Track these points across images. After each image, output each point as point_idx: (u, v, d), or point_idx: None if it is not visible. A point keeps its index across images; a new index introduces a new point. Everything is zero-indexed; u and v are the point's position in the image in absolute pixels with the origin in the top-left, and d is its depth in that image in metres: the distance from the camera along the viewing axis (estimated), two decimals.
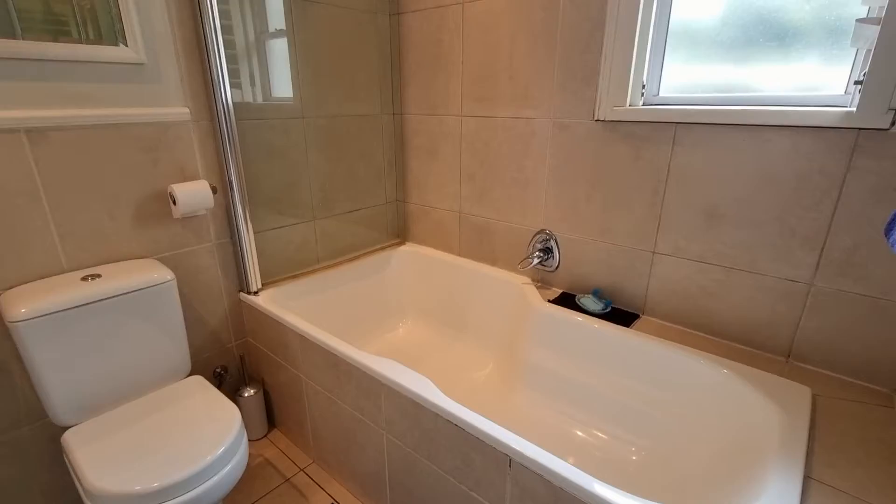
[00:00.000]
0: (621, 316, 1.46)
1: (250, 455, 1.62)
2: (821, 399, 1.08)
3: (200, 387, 1.31)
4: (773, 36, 1.15)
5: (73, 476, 1.07)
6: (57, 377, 1.13)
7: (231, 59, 1.44)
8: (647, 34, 1.30)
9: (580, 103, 1.45)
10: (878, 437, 0.96)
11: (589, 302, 1.51)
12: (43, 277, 1.20)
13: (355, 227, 1.98)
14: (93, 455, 1.05)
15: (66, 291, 1.13)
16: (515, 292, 1.70)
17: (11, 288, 1.15)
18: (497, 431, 0.94)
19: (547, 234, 1.65)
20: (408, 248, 2.09)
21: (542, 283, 1.72)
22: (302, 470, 1.55)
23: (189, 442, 1.09)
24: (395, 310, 2.05)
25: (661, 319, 1.45)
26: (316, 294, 1.78)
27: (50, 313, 1.09)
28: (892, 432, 0.97)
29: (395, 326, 2.04)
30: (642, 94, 1.36)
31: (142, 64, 1.28)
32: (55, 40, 1.13)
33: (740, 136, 1.18)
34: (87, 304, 1.15)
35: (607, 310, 1.49)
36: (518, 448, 0.89)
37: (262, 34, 1.53)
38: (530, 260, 1.65)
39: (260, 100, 1.55)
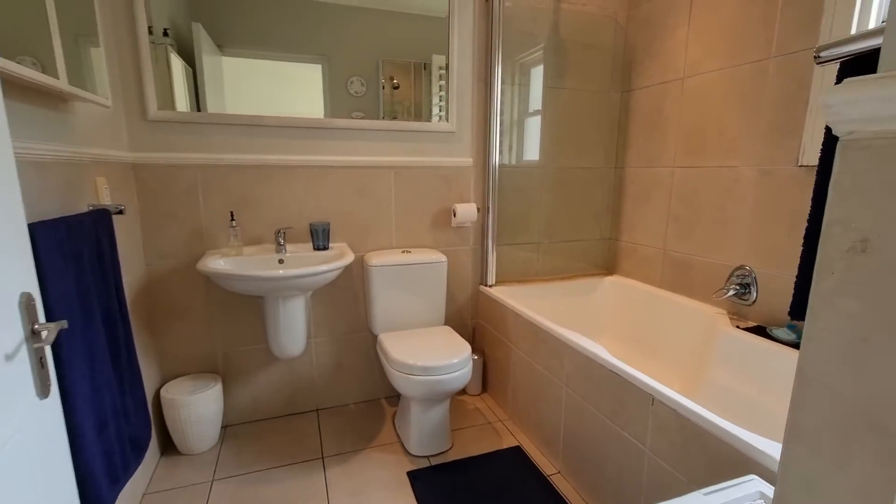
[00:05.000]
0: None
1: (466, 401, 2.21)
2: None
3: (449, 331, 1.99)
4: None
5: (382, 356, 1.85)
6: (381, 304, 1.98)
7: (502, 131, 2.21)
8: None
9: (784, 152, 1.62)
10: None
11: (781, 333, 1.57)
12: (382, 248, 2.12)
13: (570, 255, 2.47)
14: (394, 345, 1.81)
15: (395, 258, 1.99)
16: (707, 320, 1.85)
17: (369, 252, 2.09)
18: (644, 377, 1.25)
19: (746, 270, 1.77)
20: (614, 279, 2.43)
21: (737, 315, 1.82)
22: (500, 420, 2.04)
23: (443, 351, 1.74)
24: (595, 327, 2.39)
25: None
26: (531, 298, 2.31)
27: (387, 265, 1.96)
28: None
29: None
30: None
31: (453, 132, 2.15)
32: (413, 119, 2.08)
33: None
34: (404, 265, 1.98)
35: (799, 340, 1.52)
36: (658, 388, 1.19)
37: (523, 113, 2.27)
38: (725, 291, 1.79)
39: (515, 154, 2.27)
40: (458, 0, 2.02)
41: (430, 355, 1.71)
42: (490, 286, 2.27)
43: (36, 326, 0.73)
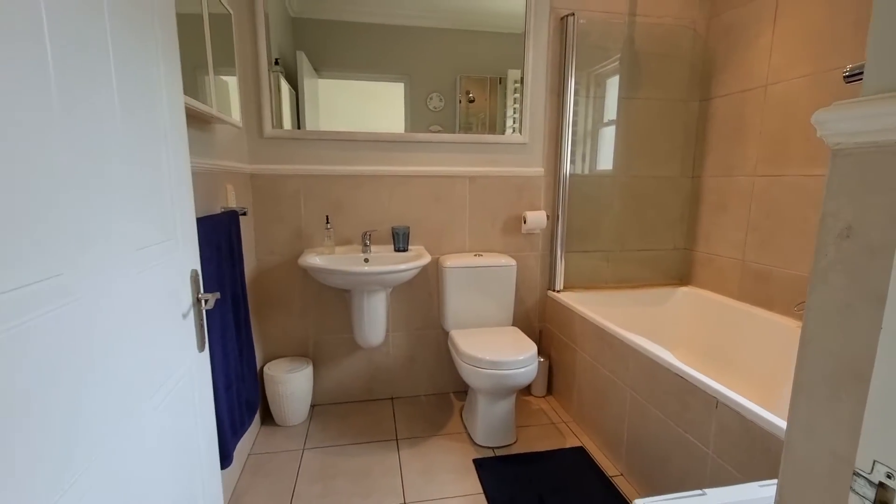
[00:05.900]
0: None
1: (531, 401, 2.29)
2: None
3: (516, 331, 2.09)
4: None
5: (453, 349, 2.00)
6: (453, 303, 2.14)
7: (574, 141, 2.29)
8: None
9: None
10: None
11: None
12: (456, 252, 2.28)
13: (642, 264, 2.46)
14: (464, 341, 1.95)
15: (468, 260, 2.14)
16: (788, 333, 1.78)
17: (444, 254, 2.26)
18: (708, 380, 1.27)
19: None
20: (688, 290, 2.39)
21: None
22: (564, 421, 2.09)
23: (511, 348, 1.85)
24: (668, 338, 2.36)
25: None
26: (600, 305, 2.34)
27: (461, 267, 2.11)
28: None
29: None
30: None
31: (525, 143, 2.26)
32: (487, 133, 2.23)
33: None
34: (476, 267, 2.12)
35: None
36: (722, 391, 1.21)
37: (598, 123, 2.32)
38: None
39: (588, 163, 2.33)
40: (534, 18, 2.15)
41: (497, 351, 1.82)
42: (558, 291, 2.33)
43: (200, 295, 0.97)
